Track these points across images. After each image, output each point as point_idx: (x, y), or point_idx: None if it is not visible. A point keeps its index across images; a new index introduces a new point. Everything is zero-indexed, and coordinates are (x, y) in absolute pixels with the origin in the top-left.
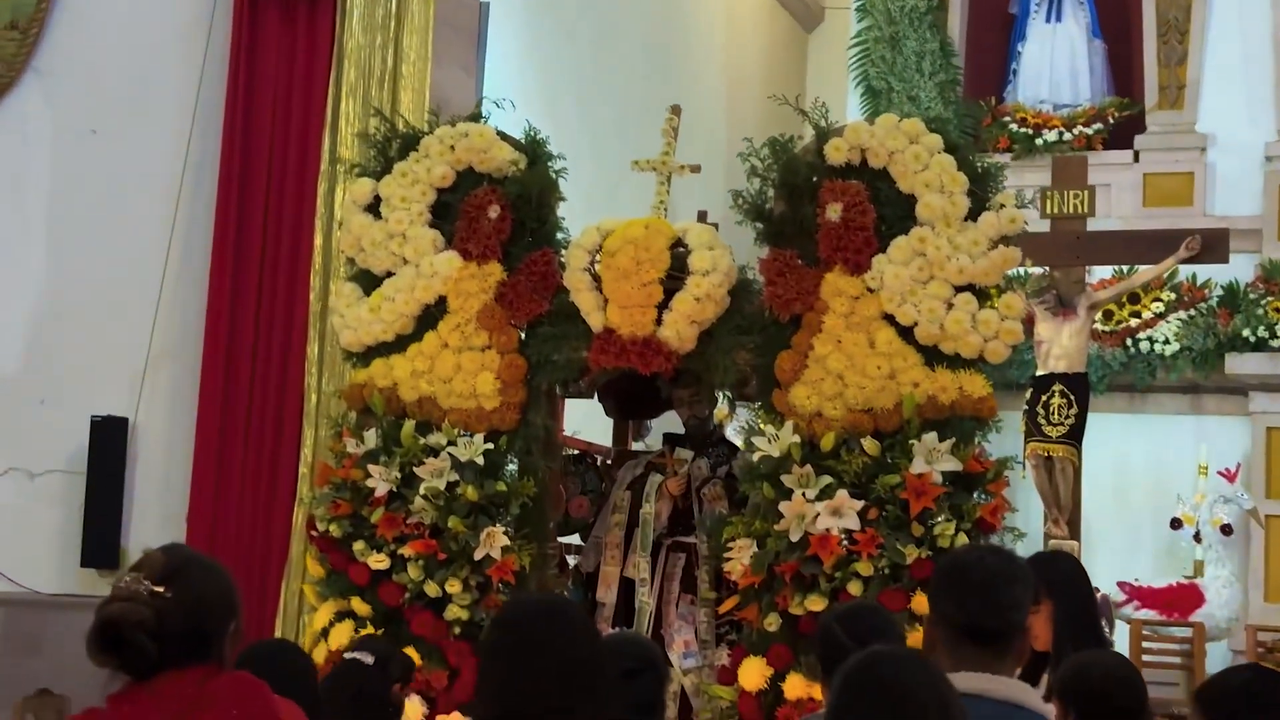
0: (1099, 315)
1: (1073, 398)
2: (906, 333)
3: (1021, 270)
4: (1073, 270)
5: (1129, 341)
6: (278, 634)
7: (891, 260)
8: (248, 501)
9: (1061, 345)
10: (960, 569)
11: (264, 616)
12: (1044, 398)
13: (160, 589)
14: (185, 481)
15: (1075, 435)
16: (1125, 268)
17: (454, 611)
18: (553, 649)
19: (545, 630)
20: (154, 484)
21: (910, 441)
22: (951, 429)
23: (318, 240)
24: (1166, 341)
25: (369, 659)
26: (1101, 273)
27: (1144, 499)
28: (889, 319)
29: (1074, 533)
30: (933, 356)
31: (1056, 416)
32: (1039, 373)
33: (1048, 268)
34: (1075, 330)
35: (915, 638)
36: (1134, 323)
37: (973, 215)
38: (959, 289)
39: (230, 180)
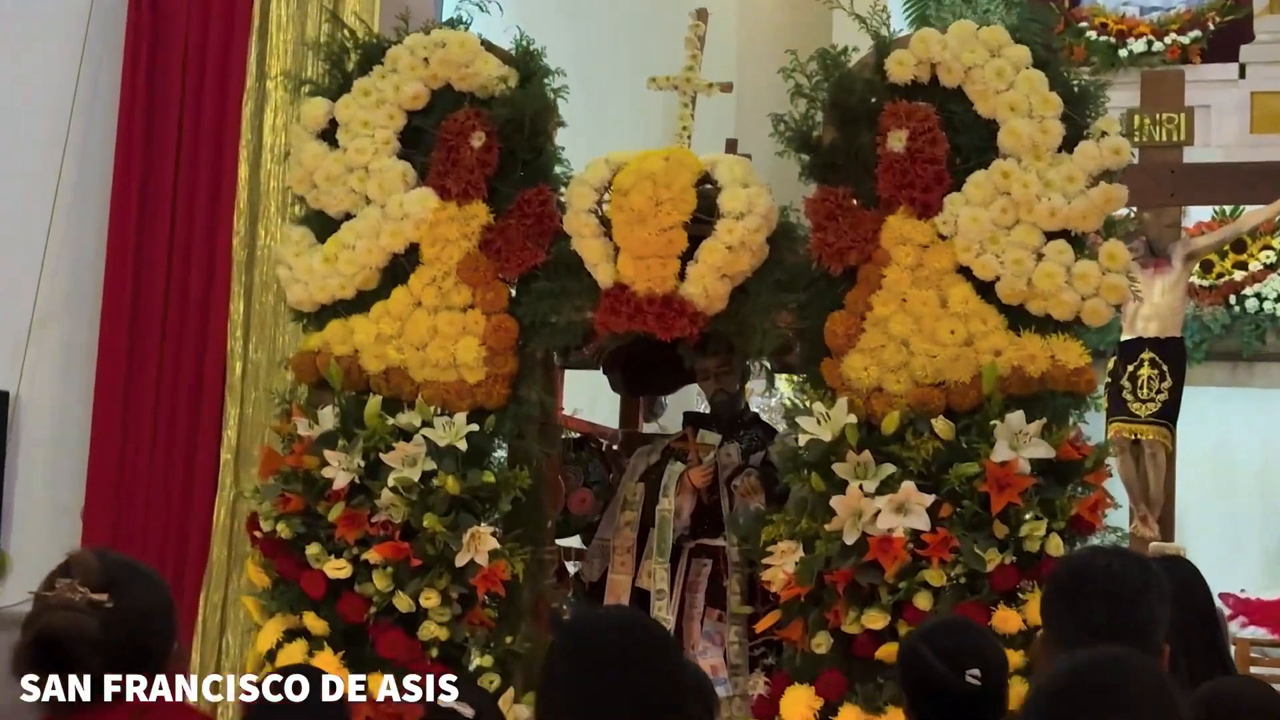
0: (1197, 267)
1: (1165, 368)
2: (986, 289)
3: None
4: (1166, 212)
5: (1232, 299)
6: (195, 657)
7: (968, 200)
8: (157, 494)
9: (1152, 304)
10: (1084, 577)
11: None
12: (1130, 368)
13: (101, 597)
14: (80, 469)
15: (1168, 414)
16: (1229, 209)
17: (430, 630)
18: (638, 666)
19: (625, 645)
20: (40, 472)
21: (991, 422)
22: (1041, 407)
23: (242, 173)
24: (1279, 299)
25: (469, 713)
26: (1200, 215)
27: (1250, 490)
28: (964, 272)
29: (1166, 532)
30: (1018, 318)
31: (1145, 391)
32: (1124, 337)
33: (1134, 209)
34: (1169, 285)
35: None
36: (1239, 276)
37: (1067, 145)
38: (1050, 235)
39: (133, 100)
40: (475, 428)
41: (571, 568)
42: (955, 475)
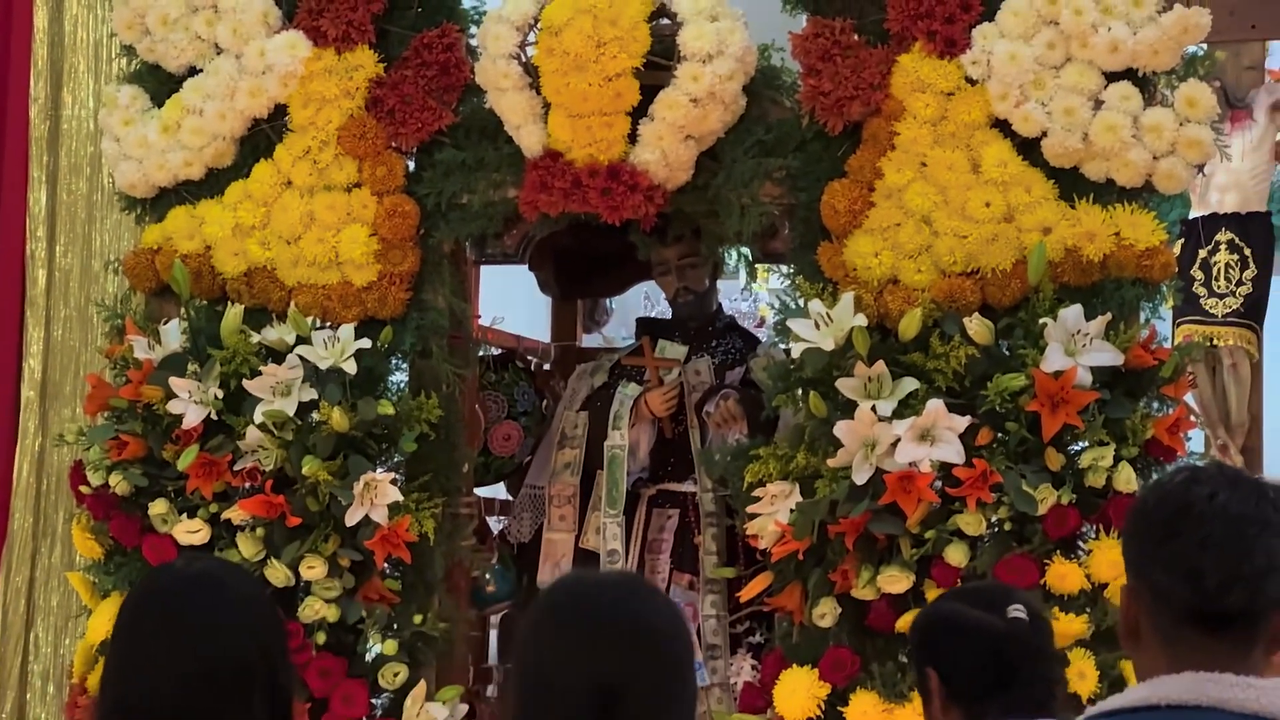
0: None
1: (1248, 252)
2: (1030, 148)
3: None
4: (1245, 49)
5: None
6: None
7: (1004, 33)
8: None
9: (1229, 170)
10: (1181, 513)
11: None
12: (1203, 254)
13: None
14: None
15: (1253, 312)
16: None
17: (314, 608)
18: (633, 617)
19: (624, 597)
20: None
21: (1040, 321)
22: (1104, 300)
23: (39, 21)
24: None
25: None
26: None
27: None
28: (1002, 126)
29: (1252, 465)
30: (1072, 185)
31: (1223, 283)
32: (1193, 213)
33: (1204, 46)
34: (1251, 145)
35: (1057, 629)
36: None
37: None
38: (1111, 77)
39: None
40: (367, 344)
41: (496, 524)
42: (995, 391)
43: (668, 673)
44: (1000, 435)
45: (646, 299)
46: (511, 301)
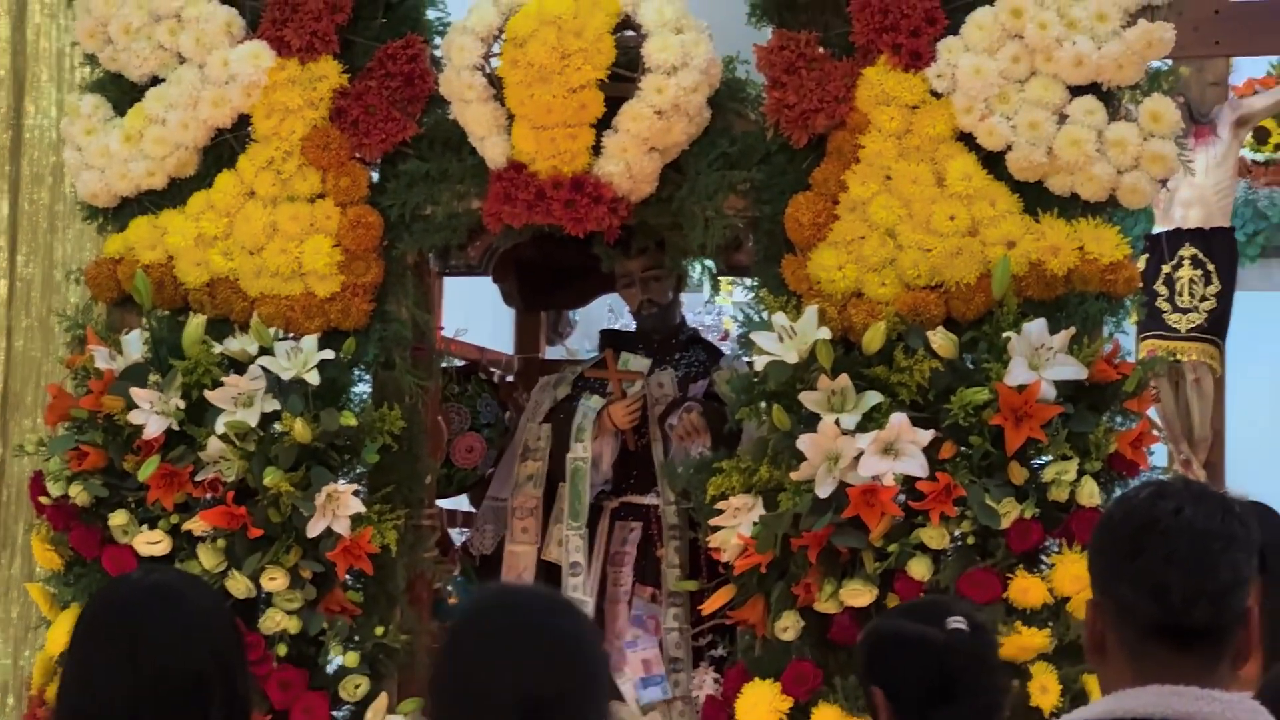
0: (1249, 136)
1: (1211, 268)
2: (994, 161)
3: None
4: (1209, 65)
5: None
6: None
7: (969, 46)
8: None
9: (1193, 185)
10: (1147, 528)
11: None
12: (1166, 269)
13: None
14: None
15: (1217, 327)
16: None
17: (276, 620)
18: (557, 630)
19: (545, 610)
20: None
21: (1004, 335)
22: (1068, 314)
23: (1, 30)
24: None
25: None
26: (1251, 69)
27: None
28: (966, 140)
29: (1215, 479)
30: (1036, 199)
31: (1186, 298)
32: (1157, 228)
33: (1169, 62)
34: (1214, 161)
35: (1019, 643)
36: None
37: None
38: (1076, 91)
39: None
40: (329, 355)
41: (458, 536)
42: (959, 404)
43: (589, 683)
44: (964, 449)
45: (610, 311)
46: (476, 313)
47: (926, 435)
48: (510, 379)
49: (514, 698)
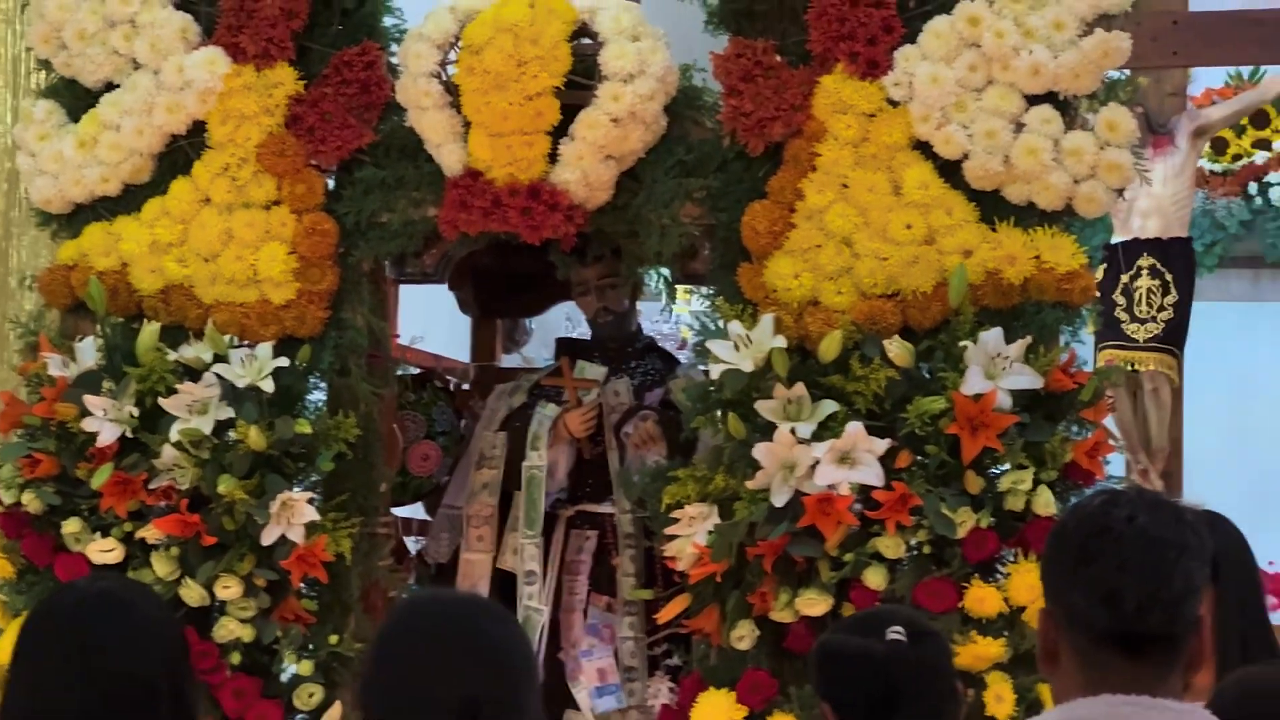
0: (1207, 147)
1: (1169, 278)
2: (951, 170)
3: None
4: (1167, 76)
5: (1253, 188)
6: None
7: (926, 55)
8: None
9: (1151, 195)
10: (1099, 536)
11: None
12: (1124, 279)
13: None
14: None
15: (1174, 337)
16: (1246, 70)
17: (229, 628)
18: (487, 634)
19: (477, 615)
20: None
21: (960, 344)
22: (1024, 323)
23: None
24: None
25: None
26: (1209, 79)
27: (1277, 434)
28: (923, 149)
29: (1173, 488)
30: (993, 208)
31: (1145, 308)
32: (1116, 238)
33: (1127, 72)
34: (1172, 171)
35: (975, 652)
36: (1261, 158)
37: None
38: (1033, 100)
39: None
40: (285, 362)
41: (413, 545)
42: (915, 414)
43: (523, 686)
44: (920, 458)
45: (568, 320)
46: (432, 321)
47: (882, 444)
48: (466, 387)
49: (452, 700)
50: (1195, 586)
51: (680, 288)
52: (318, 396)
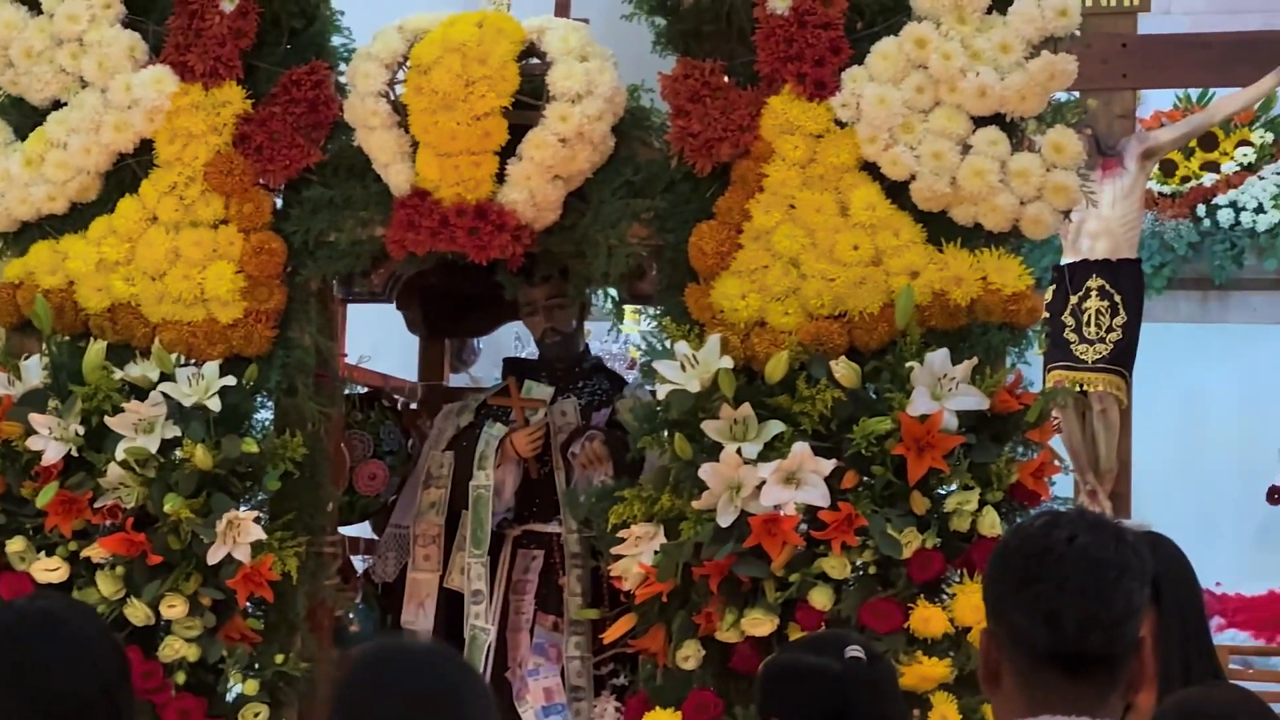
0: (1155, 169)
1: (1117, 299)
2: (898, 191)
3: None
4: (1116, 98)
5: (1201, 210)
6: None
7: (873, 76)
8: None
9: (1100, 217)
10: (1041, 556)
11: None
12: (1074, 300)
13: None
14: None
15: (1123, 358)
16: (1195, 93)
17: (175, 648)
18: (452, 682)
19: (439, 663)
20: None
21: (907, 365)
22: (970, 344)
23: None
24: (1260, 209)
25: None
26: (1159, 102)
27: (1227, 456)
28: (870, 170)
29: (1121, 509)
30: (940, 229)
31: (1093, 329)
32: (1065, 259)
33: (1076, 94)
34: (1121, 193)
35: (920, 673)
36: (1208, 181)
37: (999, 5)
38: (979, 122)
39: None
40: (231, 381)
41: (360, 564)
42: (861, 434)
43: None
44: (866, 479)
45: (517, 340)
46: (380, 340)
47: (828, 465)
48: (414, 406)
49: None
50: (1136, 607)
51: (628, 308)
52: (265, 416)
